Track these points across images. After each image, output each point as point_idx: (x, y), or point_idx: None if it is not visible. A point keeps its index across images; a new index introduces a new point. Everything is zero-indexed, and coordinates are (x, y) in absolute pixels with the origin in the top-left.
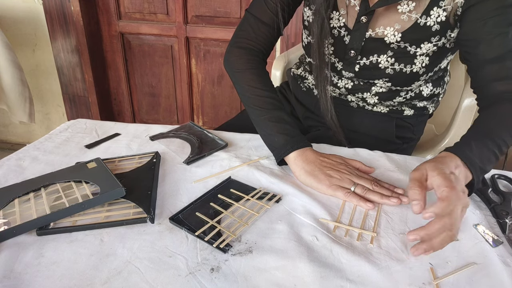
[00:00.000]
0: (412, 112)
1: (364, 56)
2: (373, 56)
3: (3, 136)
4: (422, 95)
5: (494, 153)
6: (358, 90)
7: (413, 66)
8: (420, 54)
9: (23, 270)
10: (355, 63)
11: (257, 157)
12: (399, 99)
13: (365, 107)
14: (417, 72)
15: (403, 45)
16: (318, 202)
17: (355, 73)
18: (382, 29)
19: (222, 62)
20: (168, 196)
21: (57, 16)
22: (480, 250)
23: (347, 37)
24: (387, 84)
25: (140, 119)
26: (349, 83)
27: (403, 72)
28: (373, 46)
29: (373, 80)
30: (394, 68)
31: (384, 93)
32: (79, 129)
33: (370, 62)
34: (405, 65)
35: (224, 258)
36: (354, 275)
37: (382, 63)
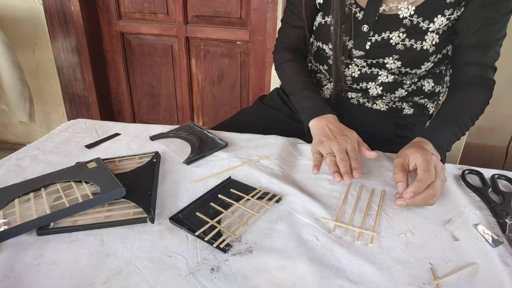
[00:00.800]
0: (411, 111)
1: (376, 32)
2: (385, 33)
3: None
4: (423, 91)
5: (457, 136)
6: (363, 79)
7: (424, 43)
8: (432, 30)
9: (23, 270)
10: (367, 39)
11: (257, 157)
12: (401, 91)
13: (364, 104)
14: (427, 50)
15: (415, 20)
16: (318, 202)
17: (366, 51)
18: (396, 3)
19: (222, 62)
20: (168, 196)
21: (57, 16)
22: (480, 250)
23: (360, 14)
24: (397, 64)
25: (140, 119)
26: (356, 71)
27: (414, 48)
28: (386, 21)
29: (383, 58)
30: (405, 44)
31: (389, 83)
32: (79, 129)
33: (381, 39)
34: (415, 41)
35: (224, 258)
36: (354, 275)
37: (394, 38)
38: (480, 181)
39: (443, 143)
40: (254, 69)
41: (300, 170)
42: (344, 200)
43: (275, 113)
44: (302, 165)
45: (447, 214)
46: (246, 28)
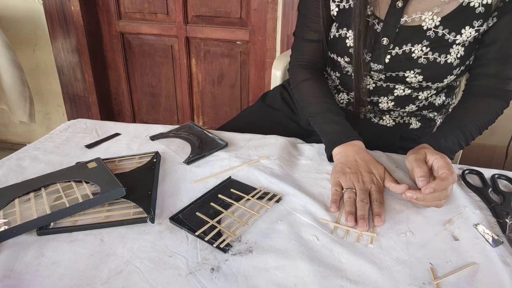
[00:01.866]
0: (418, 125)
1: (396, 45)
2: (407, 46)
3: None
4: (434, 105)
5: (461, 146)
6: (377, 93)
7: (448, 56)
8: (458, 43)
9: (23, 270)
10: (387, 52)
11: (257, 157)
12: (412, 106)
13: (371, 119)
14: (451, 63)
15: (440, 32)
16: (318, 202)
17: (385, 65)
18: (419, 14)
19: (222, 62)
20: (168, 196)
21: (57, 16)
22: (480, 250)
23: (379, 25)
24: (418, 78)
25: (140, 119)
26: (371, 83)
27: (437, 62)
28: (408, 33)
29: (404, 71)
30: (428, 58)
31: (402, 98)
32: (79, 129)
33: (402, 52)
34: (439, 54)
35: (224, 258)
36: (354, 275)
37: (416, 52)
38: (480, 181)
39: (446, 151)
40: (254, 69)
41: (300, 170)
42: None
43: (276, 114)
44: (302, 165)
45: (447, 214)
46: (246, 28)
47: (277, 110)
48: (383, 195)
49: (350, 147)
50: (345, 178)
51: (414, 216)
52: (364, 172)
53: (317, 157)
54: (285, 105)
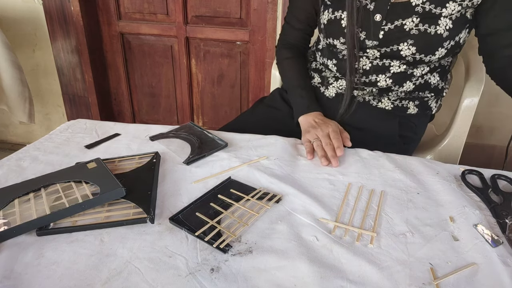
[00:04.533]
0: (416, 110)
1: (389, 21)
2: (398, 21)
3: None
4: (429, 85)
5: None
6: (374, 72)
7: (437, 27)
8: (444, 15)
9: (23, 270)
10: (380, 28)
11: (257, 157)
12: (409, 84)
13: (370, 102)
14: (441, 34)
15: (428, 7)
16: (318, 202)
17: (379, 41)
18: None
19: (222, 62)
20: (168, 196)
21: (57, 16)
22: (480, 250)
23: (371, 5)
24: (412, 50)
25: (140, 119)
26: (367, 63)
27: (428, 33)
28: (399, 9)
29: (398, 44)
30: (419, 29)
31: (399, 75)
32: (79, 129)
33: (395, 26)
34: (429, 25)
35: (224, 259)
36: (354, 275)
37: (408, 24)
38: (480, 181)
39: None
40: (254, 69)
41: (300, 170)
42: (344, 200)
43: (276, 113)
44: (302, 165)
45: (447, 214)
46: (246, 28)
47: (276, 108)
48: (339, 134)
49: (310, 116)
50: (309, 134)
51: (414, 216)
52: (322, 126)
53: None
54: (285, 104)
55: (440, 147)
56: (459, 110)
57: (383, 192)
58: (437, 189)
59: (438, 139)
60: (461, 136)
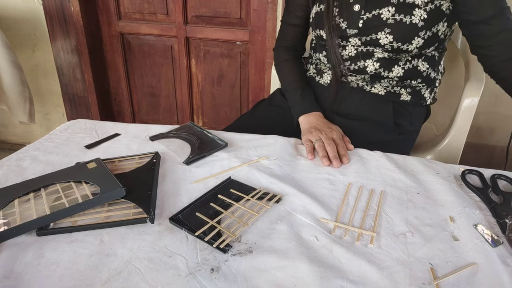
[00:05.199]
0: (409, 97)
1: (367, 11)
2: (375, 10)
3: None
4: (419, 72)
5: None
6: (361, 58)
7: (413, 17)
8: (418, 5)
9: (23, 270)
10: (359, 18)
11: (257, 157)
12: (398, 69)
13: (363, 87)
14: (416, 24)
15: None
16: (318, 202)
17: (359, 29)
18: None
19: (222, 62)
20: (168, 196)
21: (57, 16)
22: (480, 250)
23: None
24: (389, 39)
25: (140, 119)
26: (353, 50)
27: (404, 22)
28: (375, 1)
29: (376, 33)
30: (395, 18)
31: (385, 59)
32: (79, 129)
33: (372, 16)
34: (405, 15)
35: (224, 259)
36: (354, 275)
37: (384, 13)
38: (480, 181)
39: None
40: (254, 69)
41: (300, 170)
42: (344, 200)
43: (277, 111)
44: (302, 165)
45: (447, 214)
46: (246, 29)
47: (279, 107)
48: (343, 140)
49: (311, 116)
50: (312, 135)
51: (414, 216)
52: (325, 129)
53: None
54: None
55: (440, 147)
56: (459, 110)
57: (383, 192)
58: (437, 189)
59: (438, 139)
60: (461, 136)
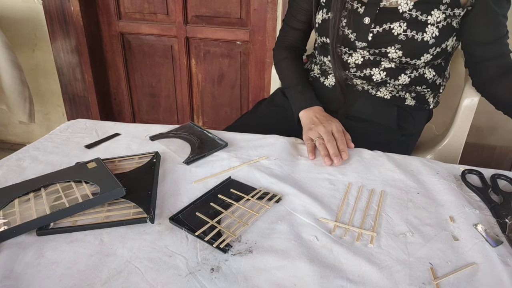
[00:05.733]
0: (413, 102)
1: (377, 24)
2: (386, 24)
3: (2, 136)
4: (425, 79)
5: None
6: (367, 66)
7: (424, 34)
8: (431, 23)
9: (23, 270)
10: (369, 31)
11: (257, 157)
12: (404, 77)
13: (369, 91)
14: (427, 41)
15: (414, 14)
16: (318, 202)
17: (368, 42)
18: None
19: (222, 62)
20: (168, 196)
21: (57, 16)
22: (480, 250)
23: (361, 8)
24: (398, 54)
25: (140, 119)
26: (359, 58)
27: (415, 39)
28: (387, 14)
29: (386, 47)
30: (407, 35)
31: (391, 69)
32: (79, 129)
33: (383, 30)
34: (416, 32)
35: (224, 258)
36: (354, 275)
37: (395, 29)
38: (480, 181)
39: None
40: (254, 69)
41: (300, 170)
42: (344, 200)
43: (278, 111)
44: (302, 165)
45: (447, 214)
46: (246, 28)
47: (280, 107)
48: (343, 134)
49: (311, 111)
50: (311, 132)
51: (414, 216)
52: (324, 122)
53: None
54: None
55: (440, 147)
56: (459, 110)
57: (383, 192)
58: (437, 189)
59: (438, 139)
60: (461, 136)
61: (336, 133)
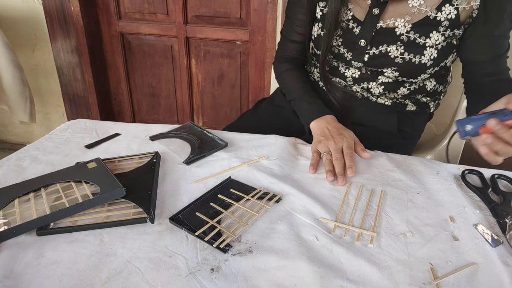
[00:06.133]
0: (414, 107)
1: (374, 46)
2: (383, 46)
3: (3, 136)
4: (426, 89)
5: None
6: (364, 80)
7: (422, 57)
8: (429, 46)
9: (23, 270)
10: (365, 52)
11: (257, 157)
12: (403, 90)
13: (369, 98)
14: (425, 64)
15: (412, 37)
16: (318, 202)
17: (364, 63)
18: (393, 20)
19: (222, 62)
20: (168, 196)
21: (57, 16)
22: (480, 250)
23: (357, 29)
24: (394, 74)
25: (140, 119)
26: (356, 72)
27: (412, 62)
28: (384, 36)
29: (382, 68)
30: (404, 58)
31: (389, 83)
32: (79, 129)
33: (379, 52)
34: (414, 55)
35: (224, 258)
36: (354, 275)
37: (392, 52)
38: (480, 181)
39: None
40: (254, 69)
41: (300, 170)
42: (344, 200)
43: (279, 111)
44: (302, 165)
45: (447, 214)
46: (246, 28)
47: (281, 107)
48: (353, 150)
49: (322, 121)
50: (321, 145)
51: (414, 216)
52: (335, 136)
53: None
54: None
55: (440, 147)
56: (459, 110)
57: (383, 192)
58: (437, 189)
59: (438, 139)
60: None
61: (346, 149)
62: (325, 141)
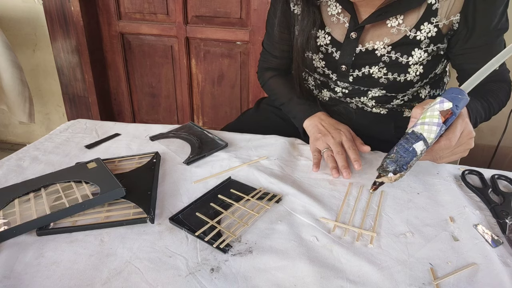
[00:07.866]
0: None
1: (356, 68)
2: (365, 68)
3: (3, 136)
4: (420, 97)
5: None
6: (355, 95)
7: (407, 75)
8: (413, 63)
9: (23, 270)
10: (348, 75)
11: (257, 157)
12: (396, 101)
13: (364, 108)
14: (411, 80)
15: (394, 56)
16: (318, 202)
17: (350, 83)
18: (371, 43)
19: (222, 62)
20: (168, 196)
21: (57, 16)
22: (480, 250)
23: (337, 53)
24: (382, 92)
25: (140, 119)
26: (347, 87)
27: (397, 81)
28: (364, 59)
29: (368, 87)
30: (388, 78)
31: (380, 97)
32: (79, 129)
33: (362, 74)
34: (398, 74)
35: (224, 259)
36: (354, 275)
37: (375, 73)
38: (480, 181)
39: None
40: (254, 69)
41: (300, 170)
42: (344, 200)
43: (278, 111)
44: (302, 165)
45: (447, 214)
46: (246, 29)
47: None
48: (354, 143)
49: (315, 118)
50: (319, 142)
51: (414, 216)
52: (332, 131)
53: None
54: None
55: None
56: None
57: (383, 192)
58: (437, 189)
59: None
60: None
61: (346, 143)
62: (323, 138)
